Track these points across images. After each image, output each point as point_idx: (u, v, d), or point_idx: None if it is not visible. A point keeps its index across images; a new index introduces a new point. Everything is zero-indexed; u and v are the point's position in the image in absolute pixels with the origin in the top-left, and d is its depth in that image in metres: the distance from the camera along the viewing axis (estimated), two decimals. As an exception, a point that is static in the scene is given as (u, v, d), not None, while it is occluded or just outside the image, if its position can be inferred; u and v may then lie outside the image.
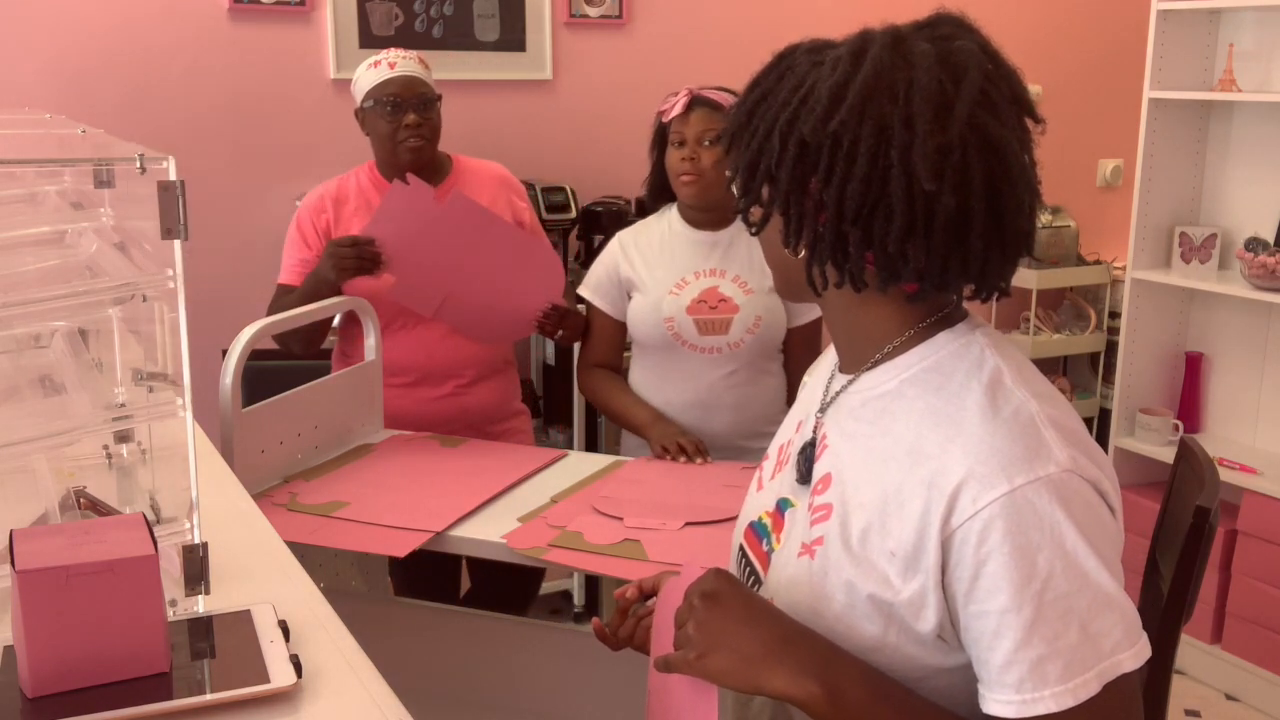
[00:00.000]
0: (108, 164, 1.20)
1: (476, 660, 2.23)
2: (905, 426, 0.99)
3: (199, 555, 1.16)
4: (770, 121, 1.00)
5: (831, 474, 1.05)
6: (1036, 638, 0.90)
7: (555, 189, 3.27)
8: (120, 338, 1.30)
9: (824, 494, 1.05)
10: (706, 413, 2.30)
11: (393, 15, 3.26)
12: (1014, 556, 0.90)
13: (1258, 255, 3.12)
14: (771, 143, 1.00)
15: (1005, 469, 0.91)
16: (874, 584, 0.97)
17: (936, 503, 0.93)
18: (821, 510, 1.04)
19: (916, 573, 0.95)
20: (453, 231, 2.31)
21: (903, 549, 0.96)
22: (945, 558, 0.93)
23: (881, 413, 1.03)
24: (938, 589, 0.94)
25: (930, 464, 0.95)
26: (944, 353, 1.02)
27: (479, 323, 2.41)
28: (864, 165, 0.94)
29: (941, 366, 1.01)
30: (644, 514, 1.88)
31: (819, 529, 1.03)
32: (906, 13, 1.07)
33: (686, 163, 2.25)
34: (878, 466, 1.00)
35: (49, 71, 2.95)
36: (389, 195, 2.30)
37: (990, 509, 0.90)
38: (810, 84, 0.99)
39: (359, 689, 1.00)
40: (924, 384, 1.01)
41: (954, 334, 1.03)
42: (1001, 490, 0.91)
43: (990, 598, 0.91)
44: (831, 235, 0.98)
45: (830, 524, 1.02)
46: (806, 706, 0.93)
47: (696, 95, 2.25)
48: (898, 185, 0.93)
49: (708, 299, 2.29)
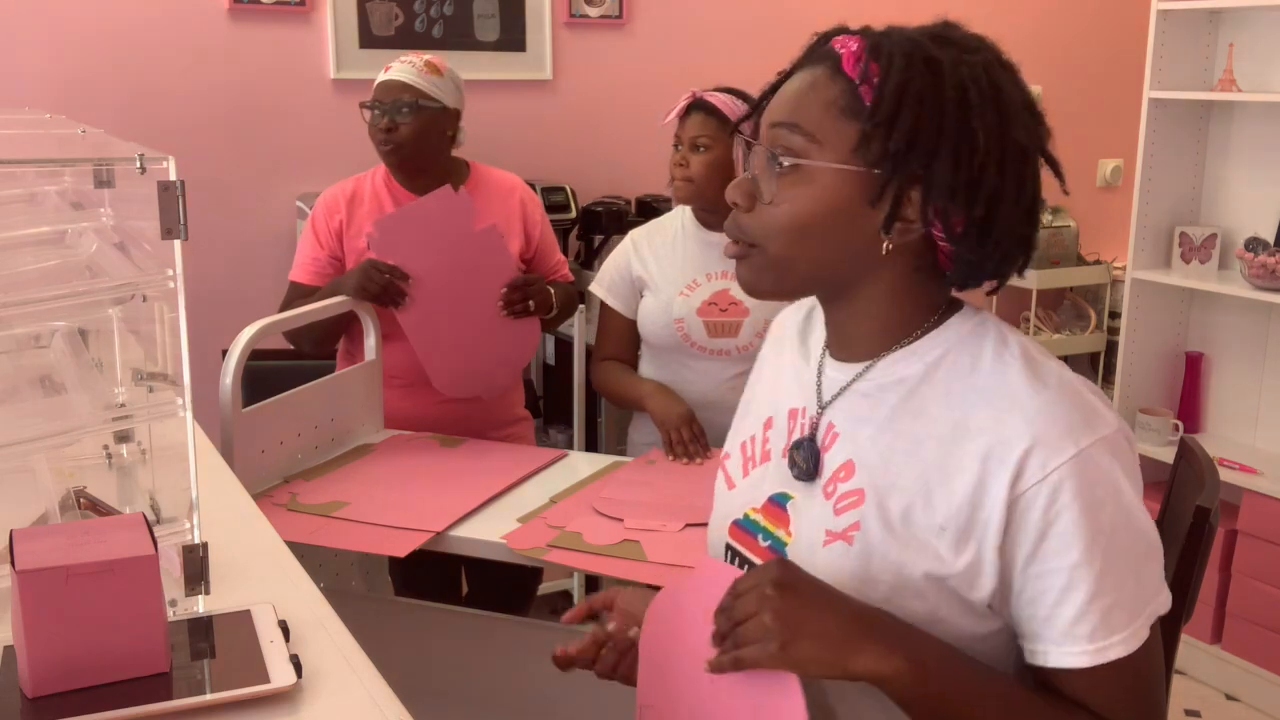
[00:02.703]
0: (108, 164, 1.20)
1: (476, 660, 2.23)
2: (943, 408, 1.03)
3: (199, 555, 1.16)
4: (956, 120, 0.98)
5: (854, 461, 1.06)
6: (1107, 588, 0.97)
7: (555, 189, 3.27)
8: (120, 338, 1.30)
9: (849, 481, 1.06)
10: (713, 413, 2.30)
11: (393, 15, 3.26)
12: (1084, 514, 0.96)
13: (1258, 255, 3.12)
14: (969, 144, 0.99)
15: (1070, 434, 0.97)
16: (926, 561, 1.00)
17: (997, 472, 0.97)
18: (851, 497, 1.05)
19: (969, 542, 0.99)
20: (473, 259, 2.30)
21: (954, 522, 0.99)
22: (1007, 523, 0.97)
23: (909, 396, 1.05)
24: (995, 555, 0.98)
25: (983, 438, 0.99)
26: (962, 335, 1.06)
27: (467, 372, 2.39)
28: (1000, 159, 1.00)
29: (966, 348, 1.05)
30: (644, 515, 1.88)
31: (851, 515, 1.04)
32: (907, 12, 1.07)
33: (677, 167, 2.26)
34: (912, 447, 1.03)
35: (49, 71, 2.95)
36: (430, 196, 2.29)
37: (1059, 472, 0.96)
38: (974, 83, 1.00)
39: (359, 689, 1.00)
40: (954, 366, 1.04)
41: (964, 318, 1.07)
42: (1069, 454, 0.96)
43: (1059, 555, 0.97)
44: (976, 229, 1.01)
45: (866, 509, 1.03)
46: (893, 682, 0.95)
47: (696, 99, 2.26)
48: (1016, 173, 1.01)
49: (718, 301, 2.29)
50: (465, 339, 2.34)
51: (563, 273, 2.60)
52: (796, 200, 1.01)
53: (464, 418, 2.44)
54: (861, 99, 1.00)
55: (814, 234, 1.02)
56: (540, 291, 2.38)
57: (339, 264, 2.43)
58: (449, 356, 2.34)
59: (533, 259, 2.53)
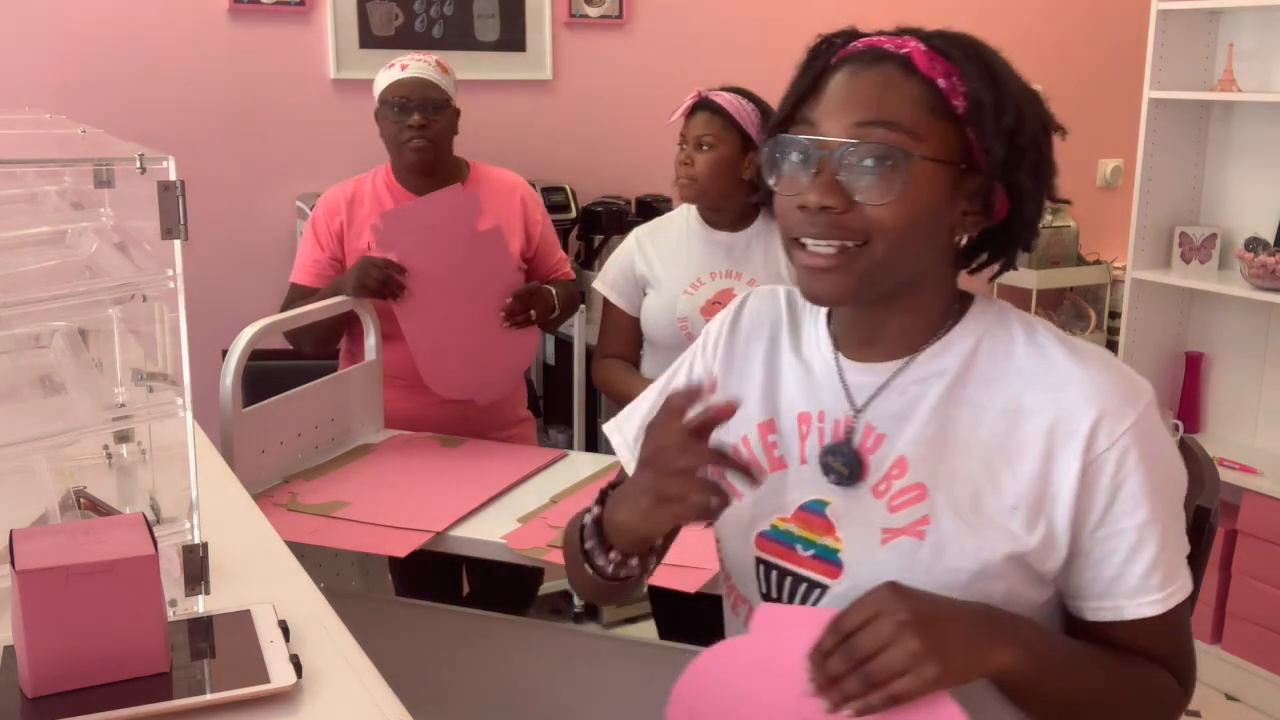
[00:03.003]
0: (108, 164, 1.20)
1: (476, 660, 2.23)
2: (988, 394, 1.06)
3: (199, 555, 1.16)
4: (1017, 109, 1.04)
5: (905, 457, 1.07)
6: (1169, 539, 1.04)
7: (555, 189, 3.27)
8: (120, 338, 1.30)
9: (904, 478, 1.06)
10: None
11: (393, 15, 3.26)
12: (1148, 474, 1.02)
13: (1258, 255, 3.12)
14: (1029, 128, 1.04)
15: (1128, 400, 1.03)
16: (1004, 542, 1.02)
17: (1065, 445, 1.02)
18: (910, 493, 1.06)
19: (1041, 517, 1.03)
20: (474, 260, 2.30)
21: (1025, 500, 1.03)
22: (1078, 492, 1.02)
23: (952, 385, 1.07)
24: (1068, 524, 1.03)
25: (1042, 415, 1.03)
26: (988, 322, 1.10)
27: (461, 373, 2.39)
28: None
29: (997, 335, 1.08)
30: None
31: (915, 510, 1.05)
32: (907, 12, 1.07)
33: (682, 166, 2.26)
34: (966, 435, 1.05)
35: (49, 71, 2.95)
36: (438, 194, 2.29)
37: (1125, 437, 1.02)
38: (1010, 72, 1.07)
39: (359, 689, 1.00)
40: (991, 355, 1.08)
41: (985, 307, 1.11)
42: (1130, 419, 1.02)
43: (1129, 516, 1.02)
44: (1029, 215, 1.07)
45: (932, 502, 1.04)
46: (1014, 672, 0.96)
47: (701, 98, 2.26)
48: (1048, 172, 1.08)
49: (722, 300, 2.29)
50: (461, 340, 2.34)
51: (564, 270, 2.60)
52: (906, 197, 1.01)
53: (465, 418, 2.44)
54: (945, 97, 1.02)
55: (919, 230, 1.03)
56: (541, 300, 2.38)
57: (339, 265, 2.42)
58: (444, 356, 2.34)
59: (534, 257, 2.53)
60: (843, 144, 1.01)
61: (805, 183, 1.03)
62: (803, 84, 1.08)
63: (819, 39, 1.12)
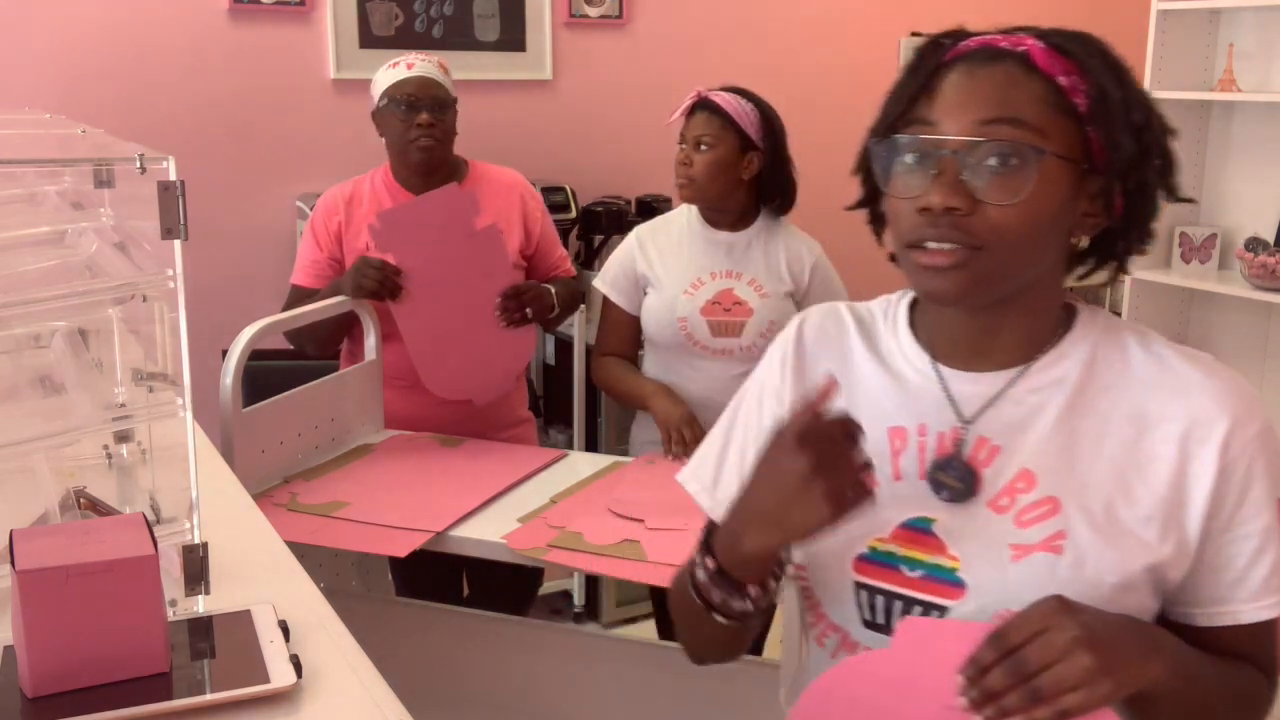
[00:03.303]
0: (108, 164, 1.20)
1: (476, 660, 2.23)
2: (1110, 403, 1.03)
3: (199, 555, 1.16)
4: (1142, 108, 1.02)
5: (1030, 470, 1.03)
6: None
7: (555, 189, 3.27)
8: (120, 338, 1.30)
9: (1032, 491, 1.02)
10: (715, 413, 2.27)
11: (393, 15, 3.26)
12: (1269, 480, 1.02)
13: (1258, 255, 3.12)
14: (1154, 128, 1.02)
15: (1251, 406, 1.02)
16: (1142, 553, 1.00)
17: (1199, 453, 1.00)
18: (1041, 507, 1.02)
19: (1173, 525, 1.01)
20: (471, 258, 2.30)
21: (1159, 510, 1.01)
22: (1210, 499, 1.00)
23: (1074, 394, 1.04)
24: (1198, 532, 1.01)
25: (1173, 424, 1.01)
26: (1100, 330, 1.07)
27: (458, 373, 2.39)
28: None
29: (1108, 342, 1.06)
30: (665, 515, 1.88)
31: (1048, 525, 1.01)
32: (907, 11, 1.07)
33: (681, 166, 2.26)
34: (1093, 444, 1.03)
35: (49, 71, 2.95)
36: (435, 192, 2.29)
37: (1253, 443, 1.01)
38: (1131, 72, 1.04)
39: (359, 689, 1.00)
40: (1108, 361, 1.05)
41: (1093, 315, 1.09)
42: (1258, 424, 1.02)
43: (1252, 521, 1.01)
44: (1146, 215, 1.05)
45: (1066, 515, 1.01)
46: (1163, 683, 0.95)
47: (700, 98, 2.26)
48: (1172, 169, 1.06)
49: (722, 300, 2.29)
50: (459, 339, 2.34)
51: (565, 267, 2.60)
52: (1033, 197, 0.97)
53: (465, 418, 2.43)
54: (1066, 95, 0.99)
55: (1042, 230, 0.99)
56: (536, 298, 2.38)
57: (339, 266, 2.42)
58: (441, 356, 2.34)
59: (534, 255, 2.53)
60: (968, 142, 0.97)
61: (925, 184, 0.98)
62: (913, 84, 1.03)
63: (927, 40, 1.07)
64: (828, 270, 2.36)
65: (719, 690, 2.05)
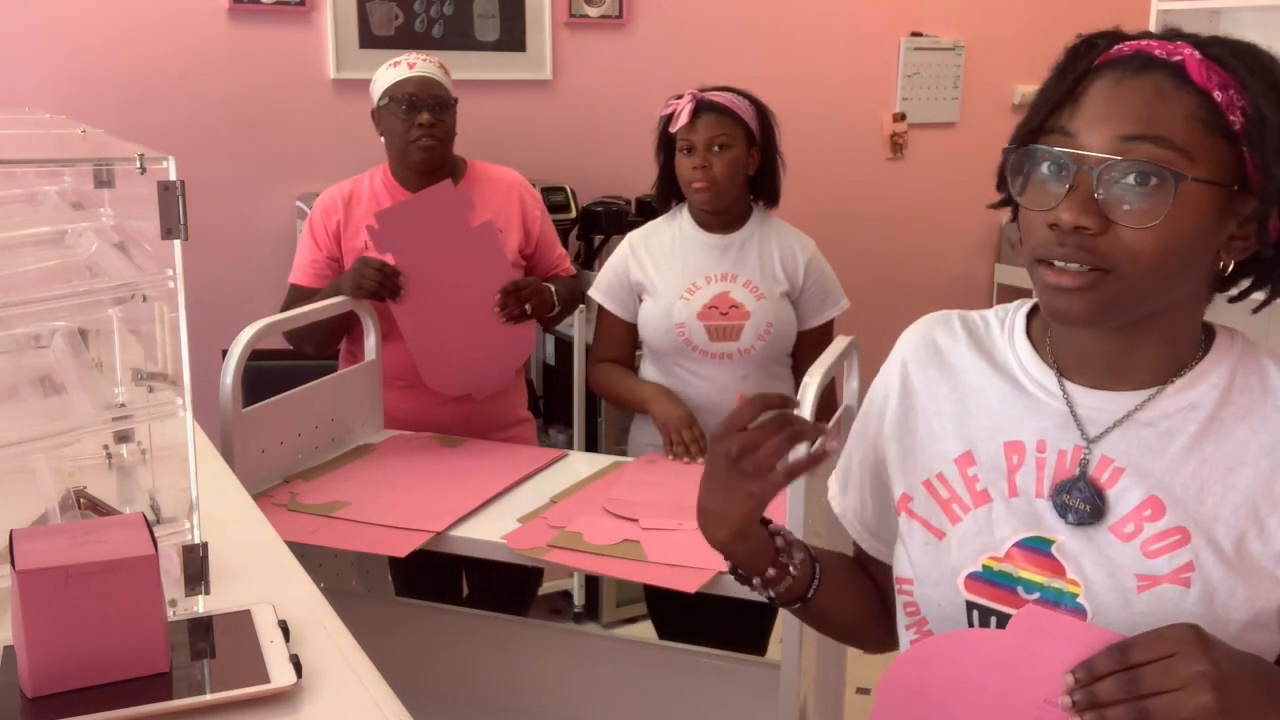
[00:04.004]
0: (108, 164, 1.20)
1: (476, 660, 2.23)
2: (1248, 431, 0.99)
3: (199, 555, 1.16)
4: None
5: (1159, 498, 0.99)
6: None
7: (555, 189, 3.27)
8: (120, 338, 1.30)
9: (1160, 520, 0.98)
10: (715, 416, 2.29)
11: (393, 15, 3.26)
12: None
13: (1258, 255, 3.12)
14: None
15: None
16: (1275, 591, 0.96)
17: None
18: (1171, 537, 0.98)
19: None
20: (469, 255, 2.30)
21: None
22: None
23: (1208, 422, 0.99)
24: None
25: None
26: (1237, 355, 1.03)
27: (458, 369, 2.39)
28: None
29: (1246, 368, 1.02)
30: (660, 516, 1.88)
31: (1176, 556, 0.97)
32: (906, 11, 1.06)
33: (698, 171, 2.22)
34: (1226, 476, 0.98)
35: (49, 71, 2.95)
36: (430, 190, 2.29)
37: None
38: None
39: (359, 689, 1.00)
40: (1245, 388, 1.01)
41: (1229, 338, 1.05)
42: None
43: None
44: None
45: (1195, 547, 0.97)
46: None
47: (701, 100, 2.24)
48: None
49: (719, 304, 2.28)
50: (458, 335, 2.34)
51: (564, 266, 2.60)
52: (1170, 221, 0.91)
53: (465, 418, 2.44)
54: (1220, 112, 0.93)
55: (1180, 255, 0.93)
56: (535, 294, 2.38)
57: (338, 265, 2.42)
58: (441, 352, 2.35)
59: (533, 254, 2.53)
60: (1105, 159, 0.91)
61: (1058, 199, 0.93)
62: (1059, 89, 0.98)
63: (1079, 38, 1.02)
64: (822, 267, 2.35)
65: (719, 690, 2.05)
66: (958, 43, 4.09)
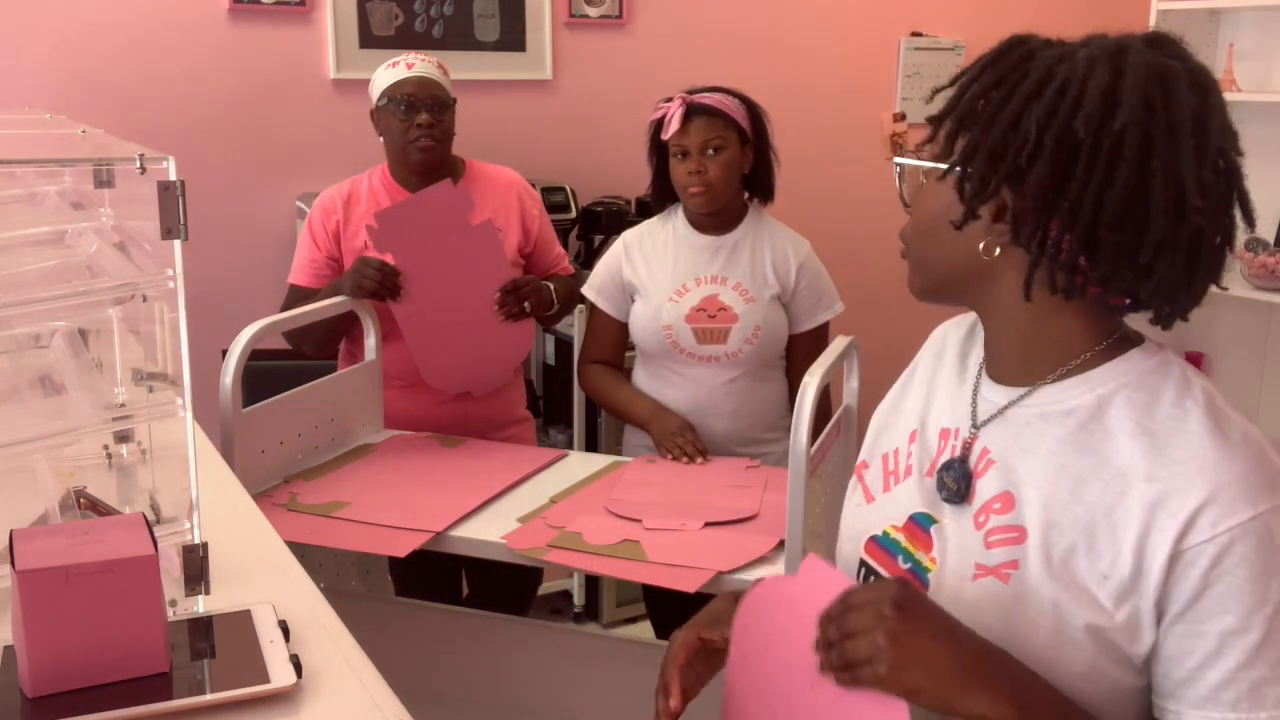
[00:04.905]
0: (108, 164, 1.20)
1: (476, 660, 2.23)
2: (1113, 446, 0.97)
3: (199, 555, 1.16)
4: (1015, 114, 0.97)
5: (1011, 493, 1.00)
6: (1261, 660, 0.91)
7: (555, 189, 3.27)
8: (120, 338, 1.30)
9: (1007, 515, 1.00)
10: (704, 418, 2.30)
11: (393, 15, 3.26)
12: (1249, 580, 0.90)
13: (1258, 255, 3.12)
14: (1022, 136, 0.95)
15: (1247, 495, 0.91)
16: (1087, 609, 0.95)
17: (1165, 525, 0.92)
18: (1009, 533, 1.00)
19: (1131, 595, 0.93)
20: (468, 254, 2.30)
21: (1118, 572, 0.94)
22: (1165, 577, 0.92)
23: (1076, 429, 0.99)
24: (1153, 609, 0.93)
25: (1154, 486, 0.93)
26: (1142, 371, 0.99)
27: (458, 367, 2.40)
28: (1129, 171, 0.93)
29: (1144, 385, 0.98)
30: (662, 515, 1.88)
31: (1009, 552, 0.99)
32: (905, 11, 1.06)
33: (694, 176, 2.22)
34: (1076, 486, 0.97)
35: (49, 71, 2.95)
36: (430, 190, 2.29)
37: (1230, 534, 0.90)
38: (1068, 80, 0.99)
39: (359, 689, 1.00)
40: (1129, 403, 0.98)
41: (1146, 354, 1.01)
42: (1244, 516, 0.90)
43: (1212, 619, 0.91)
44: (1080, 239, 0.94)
45: (1027, 547, 0.98)
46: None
47: (691, 103, 2.23)
48: (1159, 196, 0.94)
49: (707, 307, 2.28)
50: (458, 333, 2.34)
51: (563, 265, 2.60)
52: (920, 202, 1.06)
53: (465, 418, 2.44)
54: None
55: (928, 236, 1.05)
56: (534, 292, 2.38)
57: (337, 265, 2.43)
58: (441, 350, 2.35)
59: (532, 253, 2.53)
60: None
61: None
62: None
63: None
64: (816, 270, 2.34)
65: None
66: (958, 43, 4.10)
